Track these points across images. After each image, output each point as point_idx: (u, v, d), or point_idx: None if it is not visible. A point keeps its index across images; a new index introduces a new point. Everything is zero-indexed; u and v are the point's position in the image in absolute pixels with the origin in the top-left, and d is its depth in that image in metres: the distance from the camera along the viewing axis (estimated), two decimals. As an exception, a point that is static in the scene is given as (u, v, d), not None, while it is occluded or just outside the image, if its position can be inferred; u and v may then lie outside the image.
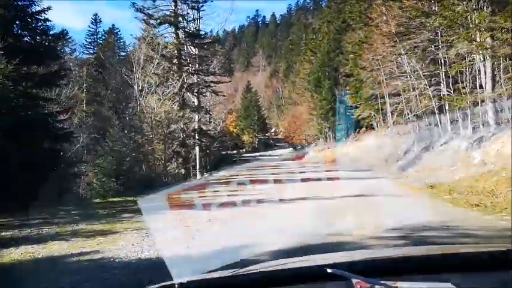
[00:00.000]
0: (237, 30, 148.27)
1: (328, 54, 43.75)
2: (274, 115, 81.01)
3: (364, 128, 37.81)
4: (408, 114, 30.45)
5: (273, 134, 74.73)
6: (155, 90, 22.67)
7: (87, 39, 62.91)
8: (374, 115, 35.91)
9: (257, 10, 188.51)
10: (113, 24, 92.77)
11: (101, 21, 64.61)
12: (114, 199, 13.17)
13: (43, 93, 19.49)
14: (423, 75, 21.97)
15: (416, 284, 1.25)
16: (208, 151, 33.28)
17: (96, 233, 6.71)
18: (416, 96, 26.50)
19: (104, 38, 55.29)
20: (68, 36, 61.48)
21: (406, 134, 30.21)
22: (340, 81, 40.93)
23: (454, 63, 19.03)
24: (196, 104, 26.16)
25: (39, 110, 18.17)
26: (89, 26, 63.98)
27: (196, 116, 26.53)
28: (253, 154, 56.11)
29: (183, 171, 24.55)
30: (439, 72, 21.28)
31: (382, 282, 1.23)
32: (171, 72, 23.51)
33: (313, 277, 1.37)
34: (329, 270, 1.28)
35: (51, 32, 16.59)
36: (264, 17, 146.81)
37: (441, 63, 21.23)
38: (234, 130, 70.51)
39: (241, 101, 71.38)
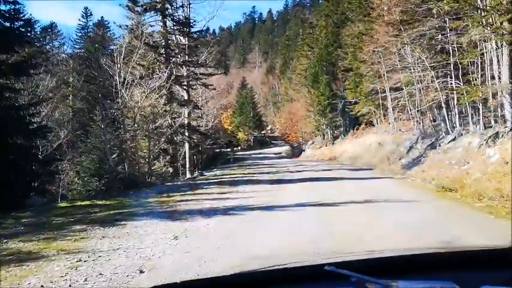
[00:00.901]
0: (233, 27, 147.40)
1: (326, 48, 42.06)
2: (271, 112, 79.27)
3: (363, 125, 36.19)
4: (411, 110, 28.87)
5: (269, 131, 72.96)
6: (140, 83, 20.87)
7: (77, 33, 61.03)
8: (374, 111, 34.29)
9: (253, 7, 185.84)
10: (102, 17, 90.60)
11: (91, 14, 62.67)
12: (83, 203, 11.44)
13: (13, 84, 17.82)
14: (430, 66, 20.27)
15: (416, 283, 1.27)
16: (200, 148, 31.54)
17: (17, 257, 4.95)
18: (421, 89, 24.85)
19: (93, 31, 53.42)
20: (56, 30, 59.82)
21: (409, 130, 28.62)
22: (339, 76, 39.25)
23: (465, 52, 17.36)
24: (185, 97, 24.39)
25: (7, 102, 16.50)
26: (79, 20, 62.13)
27: (186, 111, 24.77)
28: (248, 152, 54.41)
29: (170, 170, 22.80)
30: (448, 63, 19.60)
31: (381, 281, 1.24)
32: (158, 63, 21.70)
33: (314, 276, 1.38)
34: (327, 269, 1.29)
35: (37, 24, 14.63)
36: (261, 13, 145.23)
37: (449, 52, 19.54)
38: (229, 127, 68.78)
39: (237, 97, 69.65)
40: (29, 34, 18.71)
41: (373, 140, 32.04)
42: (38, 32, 44.40)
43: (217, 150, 46.10)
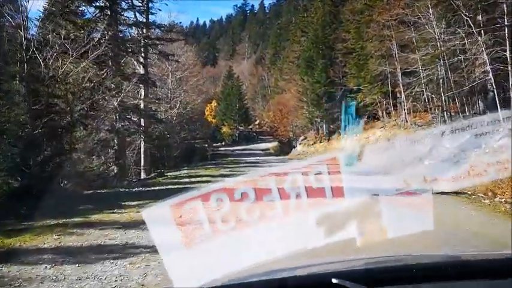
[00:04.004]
0: (224, 20, 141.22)
1: (322, 30, 36.20)
2: (259, 106, 73.15)
3: (366, 118, 30.42)
4: (429, 100, 23.19)
5: (256, 126, 66.86)
6: (70, 47, 14.76)
7: None
8: (380, 101, 28.58)
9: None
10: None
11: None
12: None
13: None
14: (476, 31, 14.47)
15: None
16: (164, 142, 25.48)
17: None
18: (447, 69, 19.14)
19: None
20: None
21: (427, 124, 23.03)
22: (338, 60, 33.40)
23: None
24: (142, 72, 18.38)
25: None
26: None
27: (142, 91, 18.76)
28: (232, 148, 48.48)
29: (115, 169, 16.75)
30: (502, 26, 13.87)
31: None
32: (97, 22, 15.58)
33: (318, 286, 1.39)
34: (334, 281, 1.30)
35: None
36: (253, 5, 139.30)
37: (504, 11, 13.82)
38: (213, 120, 62.70)
39: (222, 88, 63.66)
40: None
41: (380, 136, 26.41)
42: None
43: (198, 146, 40.16)
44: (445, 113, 20.28)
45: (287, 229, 2.04)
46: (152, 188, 12.57)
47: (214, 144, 50.91)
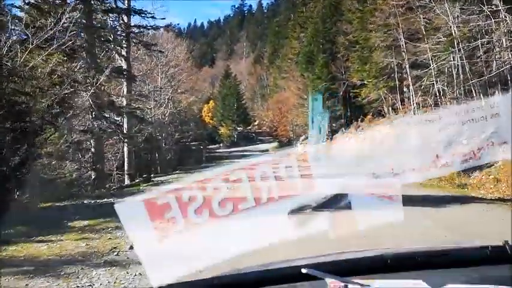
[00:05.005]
0: (222, 20, 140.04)
1: (323, 23, 34.30)
2: (258, 106, 71.13)
3: (371, 115, 28.47)
4: (441, 93, 21.25)
5: (255, 127, 64.82)
6: (35, 37, 12.84)
7: None
8: (385, 96, 26.63)
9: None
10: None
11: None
12: None
13: None
14: (504, 7, 12.50)
15: (389, 283, 1.30)
16: (157, 144, 23.54)
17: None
18: (462, 58, 17.23)
19: None
20: None
21: (439, 119, 21.13)
22: (339, 55, 31.47)
23: None
24: (124, 66, 16.47)
25: None
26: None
27: (125, 87, 16.85)
28: (229, 150, 46.56)
29: (92, 175, 14.79)
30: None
31: (355, 281, 1.26)
32: (63, 6, 13.59)
33: (288, 278, 1.39)
34: (303, 271, 1.30)
35: None
36: (251, 5, 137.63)
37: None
38: (211, 121, 60.79)
39: (220, 88, 61.78)
40: None
41: (387, 134, 24.47)
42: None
43: (194, 148, 38.25)
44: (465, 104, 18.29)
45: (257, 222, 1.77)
46: (124, 199, 10.64)
47: (211, 146, 48.97)
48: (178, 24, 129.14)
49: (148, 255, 1.57)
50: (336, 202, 1.72)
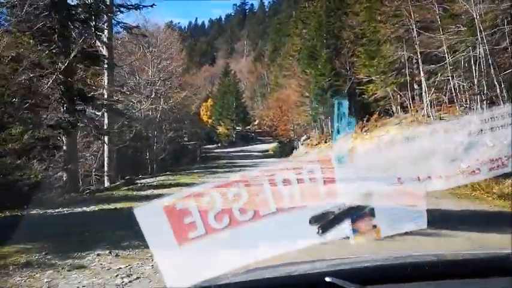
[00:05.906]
0: (223, 19, 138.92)
1: (327, 17, 32.44)
2: (258, 105, 69.29)
3: (377, 114, 26.60)
4: (457, 89, 19.39)
5: (255, 126, 62.94)
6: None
7: None
8: (393, 95, 24.79)
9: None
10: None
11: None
12: None
13: None
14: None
15: None
16: (146, 143, 21.66)
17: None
18: (485, 49, 15.38)
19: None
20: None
21: (456, 119, 19.33)
22: (344, 50, 29.61)
23: None
24: (104, 53, 14.62)
25: None
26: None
27: (106, 78, 15.02)
28: (227, 149, 44.68)
29: (64, 176, 12.91)
30: None
31: None
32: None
33: (312, 285, 1.36)
34: (328, 279, 1.28)
35: None
36: (252, 4, 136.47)
37: None
38: (209, 120, 58.95)
39: (218, 86, 59.95)
40: None
41: (396, 135, 22.63)
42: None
43: (190, 147, 36.39)
44: (482, 103, 16.43)
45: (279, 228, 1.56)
46: (87, 209, 8.71)
47: (209, 146, 47.14)
48: (179, 23, 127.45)
49: (167, 261, 1.42)
50: (359, 210, 1.37)
